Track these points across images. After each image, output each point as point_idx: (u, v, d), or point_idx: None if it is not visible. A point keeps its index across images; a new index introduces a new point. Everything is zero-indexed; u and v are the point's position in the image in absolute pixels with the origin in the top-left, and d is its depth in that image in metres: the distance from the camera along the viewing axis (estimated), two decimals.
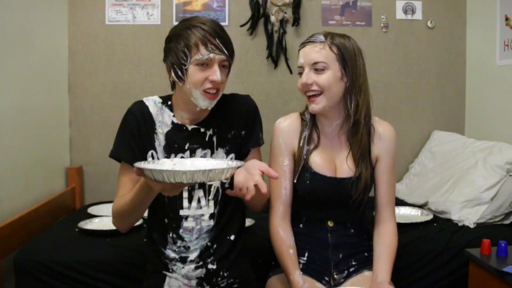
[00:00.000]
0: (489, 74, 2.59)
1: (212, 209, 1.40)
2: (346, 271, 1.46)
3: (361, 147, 1.44)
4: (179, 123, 1.41)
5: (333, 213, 1.47)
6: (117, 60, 2.66)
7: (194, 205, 1.39)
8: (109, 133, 2.62)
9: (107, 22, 2.64)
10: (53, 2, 2.48)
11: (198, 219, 1.39)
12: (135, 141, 1.38)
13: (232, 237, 1.43)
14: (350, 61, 1.41)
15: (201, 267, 1.39)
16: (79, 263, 1.70)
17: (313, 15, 2.73)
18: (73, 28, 2.63)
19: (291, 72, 2.67)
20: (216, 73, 1.31)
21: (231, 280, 1.42)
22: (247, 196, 1.20)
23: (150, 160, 1.35)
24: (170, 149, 1.39)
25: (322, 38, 1.41)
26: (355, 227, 1.49)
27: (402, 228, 1.97)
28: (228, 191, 1.34)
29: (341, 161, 1.46)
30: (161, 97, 1.45)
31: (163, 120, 1.41)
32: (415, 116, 2.82)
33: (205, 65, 1.31)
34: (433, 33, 2.80)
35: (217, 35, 1.31)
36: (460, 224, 2.03)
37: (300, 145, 1.46)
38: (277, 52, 2.67)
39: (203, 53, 1.29)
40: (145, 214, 1.43)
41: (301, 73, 1.43)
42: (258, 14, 2.65)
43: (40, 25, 2.29)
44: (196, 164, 1.23)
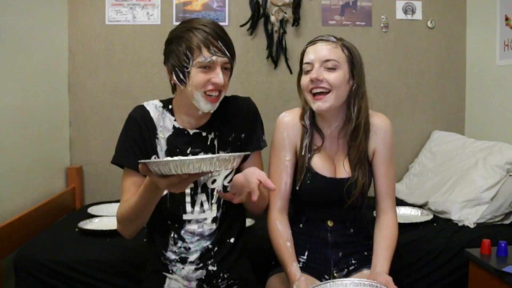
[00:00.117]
0: (489, 74, 2.59)
1: (215, 213, 1.40)
2: (345, 270, 1.46)
3: (359, 152, 1.44)
4: (181, 127, 1.40)
5: (333, 213, 1.47)
6: (117, 60, 2.66)
7: (197, 209, 1.39)
8: (109, 133, 2.63)
9: (107, 22, 2.64)
10: (53, 2, 2.48)
11: (201, 222, 1.39)
12: (138, 146, 1.37)
13: (232, 239, 1.43)
14: (358, 65, 1.43)
15: (201, 268, 1.39)
16: (79, 263, 1.70)
17: (313, 15, 2.73)
18: (73, 28, 2.63)
19: (291, 72, 2.67)
20: (218, 76, 1.30)
21: (231, 281, 1.42)
22: (235, 200, 1.27)
23: (155, 158, 1.35)
24: (171, 154, 1.38)
25: (333, 38, 1.43)
26: (354, 227, 1.49)
27: (402, 228, 1.96)
28: (219, 192, 1.34)
29: (340, 163, 1.46)
30: (161, 101, 1.43)
31: (164, 124, 1.40)
32: (415, 116, 2.82)
33: (207, 67, 1.30)
34: (433, 33, 2.80)
35: (219, 38, 1.30)
36: (460, 224, 2.04)
37: (302, 153, 1.45)
38: (277, 52, 2.67)
39: (206, 55, 1.28)
40: None
41: (308, 70, 1.42)
42: (258, 14, 2.65)
43: (40, 25, 2.29)
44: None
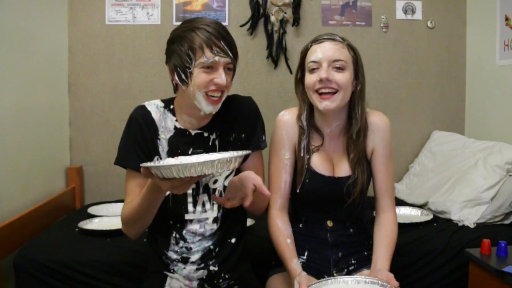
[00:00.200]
0: (489, 74, 2.59)
1: (216, 213, 1.39)
2: (345, 270, 1.46)
3: (358, 152, 1.44)
4: (182, 128, 1.39)
5: (332, 213, 1.47)
6: (117, 60, 2.66)
7: (199, 209, 1.38)
8: (109, 133, 2.63)
9: (107, 22, 2.64)
10: (53, 2, 2.48)
11: (202, 222, 1.39)
12: (140, 147, 1.36)
13: (233, 240, 1.43)
14: (361, 66, 1.44)
15: (202, 268, 1.38)
16: (79, 263, 1.70)
17: (313, 15, 2.73)
18: (73, 28, 2.63)
19: (291, 72, 2.67)
20: (221, 77, 1.28)
21: (232, 281, 1.42)
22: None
23: (155, 160, 1.33)
24: (173, 155, 1.37)
25: (339, 38, 1.42)
26: (354, 227, 1.49)
27: (402, 228, 1.96)
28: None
29: (339, 161, 1.46)
30: (162, 101, 1.42)
31: (165, 125, 1.39)
32: (415, 116, 2.82)
33: (210, 68, 1.28)
34: (433, 33, 2.80)
35: (222, 38, 1.29)
36: (460, 224, 2.04)
37: (301, 154, 1.45)
38: (277, 52, 2.68)
39: (208, 56, 1.26)
40: None
41: (314, 68, 1.40)
42: (258, 14, 2.65)
43: (40, 25, 2.29)
44: (201, 160, 1.23)
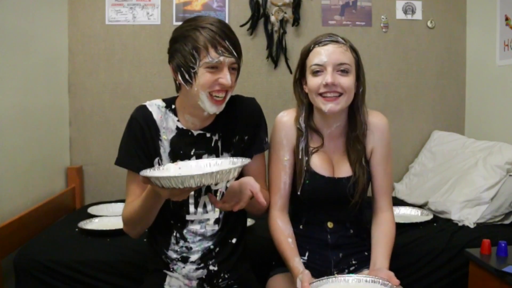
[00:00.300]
0: (489, 74, 2.59)
1: (217, 214, 1.39)
2: (346, 270, 1.45)
3: (359, 153, 1.44)
4: (184, 128, 1.37)
5: (333, 214, 1.46)
6: (117, 60, 2.66)
7: (200, 210, 1.38)
8: (109, 133, 2.63)
9: (107, 22, 2.64)
10: (53, 2, 2.48)
11: (203, 223, 1.38)
12: (141, 148, 1.35)
13: (233, 240, 1.42)
14: (362, 68, 1.43)
15: (202, 268, 1.38)
16: (79, 263, 1.70)
17: (313, 15, 2.73)
18: (73, 28, 2.63)
19: (291, 72, 2.67)
20: (226, 77, 1.26)
21: (232, 281, 1.41)
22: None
23: (156, 166, 1.29)
24: (175, 155, 1.36)
25: (341, 40, 1.40)
26: (354, 227, 1.49)
27: (402, 228, 1.97)
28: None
29: (339, 162, 1.46)
30: (164, 100, 1.40)
31: (167, 126, 1.37)
32: (415, 116, 2.82)
33: (214, 68, 1.26)
34: (433, 33, 2.80)
35: (227, 37, 1.26)
36: (460, 224, 2.03)
37: (300, 157, 1.45)
38: (277, 52, 2.68)
39: (213, 56, 1.24)
40: None
41: (317, 71, 1.38)
42: (258, 14, 2.65)
43: (40, 25, 2.29)
44: (200, 165, 1.22)
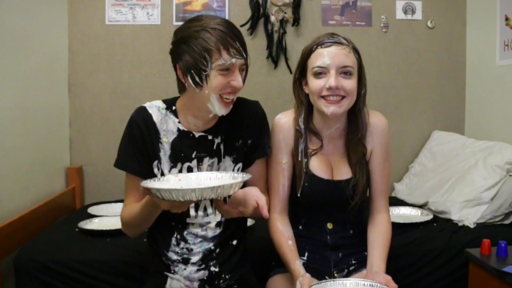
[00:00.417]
0: (489, 74, 2.59)
1: (219, 217, 1.38)
2: (346, 270, 1.46)
3: (359, 154, 1.44)
4: (185, 130, 1.35)
5: (332, 215, 1.46)
6: (117, 60, 2.66)
7: (200, 213, 1.37)
8: (109, 133, 2.63)
9: (107, 22, 2.64)
10: (53, 2, 2.48)
11: (204, 226, 1.38)
12: (140, 150, 1.34)
13: (234, 241, 1.42)
14: (363, 69, 1.42)
15: (203, 269, 1.38)
16: (79, 263, 1.70)
17: (313, 15, 2.73)
18: (73, 28, 2.63)
19: (291, 72, 2.66)
20: (237, 79, 1.25)
21: (232, 282, 1.41)
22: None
23: (157, 178, 1.26)
24: (176, 158, 1.34)
25: (344, 41, 1.38)
26: (354, 228, 1.49)
27: (402, 228, 1.97)
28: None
29: (338, 164, 1.46)
30: (164, 101, 1.38)
31: (167, 128, 1.35)
32: (415, 116, 2.82)
33: (226, 70, 1.24)
34: (433, 33, 2.79)
35: (237, 38, 1.24)
36: (460, 224, 2.03)
37: (299, 159, 1.44)
38: (277, 52, 2.68)
39: (226, 58, 1.22)
40: None
41: (320, 73, 1.36)
42: (258, 14, 2.65)
43: (40, 25, 2.29)
44: (200, 178, 1.21)
